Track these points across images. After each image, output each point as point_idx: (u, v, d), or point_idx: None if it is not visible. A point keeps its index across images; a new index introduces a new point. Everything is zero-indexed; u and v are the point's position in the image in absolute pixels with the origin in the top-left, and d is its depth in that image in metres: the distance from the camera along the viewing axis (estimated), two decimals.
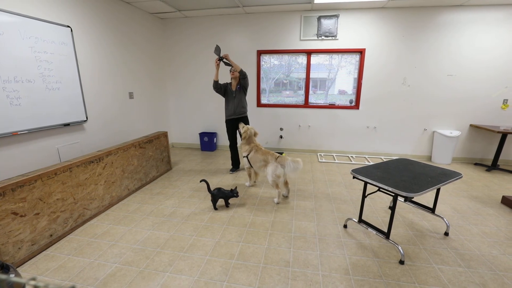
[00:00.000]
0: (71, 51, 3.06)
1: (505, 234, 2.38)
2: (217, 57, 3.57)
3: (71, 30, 3.04)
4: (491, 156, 4.47)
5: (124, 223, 2.54)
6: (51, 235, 2.18)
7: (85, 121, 3.33)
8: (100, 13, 3.51)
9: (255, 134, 3.36)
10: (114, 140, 3.88)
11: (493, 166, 4.19)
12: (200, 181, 2.92)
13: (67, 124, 3.07)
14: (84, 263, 1.97)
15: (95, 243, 2.22)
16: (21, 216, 1.94)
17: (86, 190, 2.52)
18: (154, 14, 4.69)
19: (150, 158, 3.56)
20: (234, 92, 3.73)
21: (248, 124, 3.74)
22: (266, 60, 4.96)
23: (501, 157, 4.42)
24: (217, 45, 3.57)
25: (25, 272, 1.87)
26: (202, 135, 5.28)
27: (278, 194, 2.95)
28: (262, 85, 5.08)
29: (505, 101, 4.28)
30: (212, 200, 2.79)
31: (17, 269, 1.90)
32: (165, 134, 3.93)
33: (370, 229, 2.26)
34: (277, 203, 2.96)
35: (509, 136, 4.30)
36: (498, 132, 3.90)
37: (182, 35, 5.02)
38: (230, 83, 3.81)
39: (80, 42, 3.24)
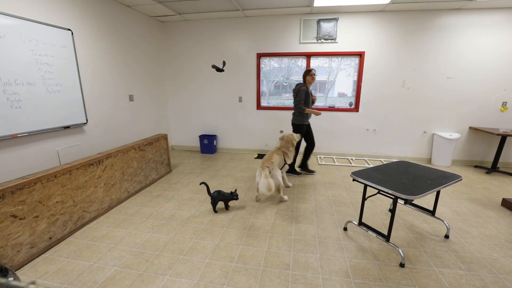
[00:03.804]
0: (72, 54, 3.08)
1: (506, 236, 2.37)
2: (319, 113, 3.66)
3: (72, 33, 3.06)
4: (491, 159, 4.48)
5: (123, 226, 2.53)
6: (50, 238, 2.18)
7: (85, 123, 3.33)
8: (101, 16, 3.53)
9: (289, 141, 3.30)
10: (114, 142, 3.89)
11: (493, 168, 4.19)
12: (200, 184, 2.91)
13: (67, 127, 3.07)
14: (83, 266, 1.96)
15: (94, 246, 2.21)
16: (20, 218, 1.94)
17: (85, 193, 2.52)
18: (155, 17, 4.71)
19: (150, 160, 3.55)
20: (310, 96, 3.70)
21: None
22: (266, 62, 4.97)
23: (501, 159, 4.42)
24: (212, 66, 3.93)
25: (24, 275, 1.86)
26: (202, 137, 5.28)
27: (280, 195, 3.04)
28: (262, 88, 5.09)
29: (504, 104, 4.30)
30: (212, 203, 2.79)
31: (16, 272, 1.89)
32: (165, 137, 3.93)
33: (370, 232, 2.26)
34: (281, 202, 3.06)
35: (508, 138, 4.30)
36: (498, 134, 3.91)
37: (182, 38, 5.04)
38: (308, 85, 3.68)
39: (81, 45, 3.25)
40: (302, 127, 3.72)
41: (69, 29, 3.02)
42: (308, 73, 3.61)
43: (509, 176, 4.02)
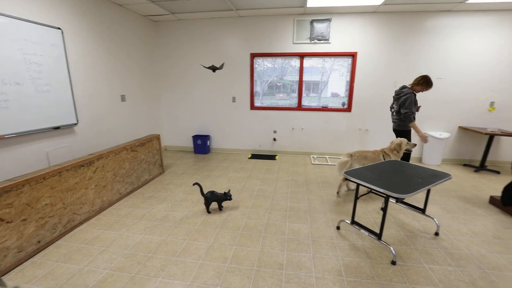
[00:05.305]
0: (62, 53, 3.02)
1: (493, 233, 2.43)
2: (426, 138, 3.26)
3: (62, 32, 3.00)
4: (479, 157, 4.58)
5: (115, 228, 2.49)
6: (38, 242, 2.13)
7: (75, 124, 3.27)
8: (92, 15, 3.48)
9: (399, 144, 3.16)
10: (106, 143, 3.83)
11: (481, 166, 4.29)
12: (193, 185, 2.89)
13: (57, 128, 3.01)
14: (74, 270, 1.92)
15: (85, 249, 2.17)
16: (8, 222, 1.89)
17: (76, 195, 2.48)
18: (147, 16, 4.66)
19: (142, 161, 3.52)
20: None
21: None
22: (260, 63, 4.98)
23: (489, 158, 4.52)
24: (210, 67, 4.12)
25: (11, 281, 1.82)
26: (195, 137, 5.25)
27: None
28: (256, 88, 5.09)
29: (492, 104, 4.40)
30: (205, 204, 2.78)
31: (2, 277, 1.84)
32: (157, 137, 3.90)
33: (362, 230, 2.28)
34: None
35: (496, 137, 4.41)
36: (486, 133, 4.01)
37: (175, 37, 5.01)
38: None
39: (71, 44, 3.19)
40: (406, 133, 3.37)
41: (59, 28, 2.97)
42: (429, 84, 3.17)
43: (496, 174, 4.12)
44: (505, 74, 4.25)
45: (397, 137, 3.48)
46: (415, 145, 3.18)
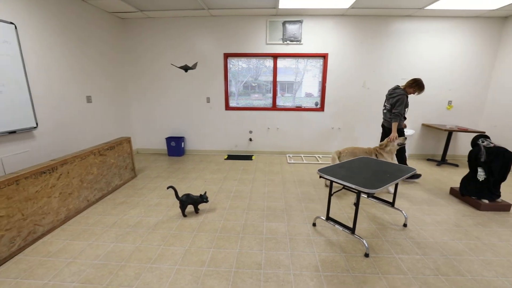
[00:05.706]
0: (16, 50, 2.76)
1: (454, 221, 2.64)
2: (400, 139, 3.30)
3: (16, 28, 2.75)
4: (440, 152, 4.95)
5: (83, 238, 2.34)
6: None
7: (35, 127, 3.01)
8: (50, 9, 3.22)
9: (386, 141, 3.31)
10: (71, 148, 3.57)
11: (442, 160, 4.65)
12: (168, 188, 2.80)
13: (13, 132, 2.76)
14: (36, 286, 1.77)
15: (49, 262, 2.01)
16: None
17: (37, 204, 2.28)
18: (113, 13, 4.43)
19: (112, 166, 3.33)
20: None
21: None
22: (234, 63, 4.95)
23: (448, 152, 4.91)
24: (182, 67, 3.87)
25: None
26: (169, 139, 5.09)
27: None
28: (231, 88, 5.06)
29: (449, 102, 4.78)
30: (180, 207, 2.70)
31: None
32: (128, 140, 3.72)
33: (337, 226, 2.36)
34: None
35: (454, 133, 4.80)
36: (445, 130, 4.35)
37: (145, 36, 4.82)
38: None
39: (27, 41, 2.93)
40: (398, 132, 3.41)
41: (11, 23, 2.71)
42: (421, 88, 3.31)
43: (455, 167, 4.48)
44: (461, 75, 4.64)
45: (385, 133, 3.62)
46: (405, 138, 3.33)
